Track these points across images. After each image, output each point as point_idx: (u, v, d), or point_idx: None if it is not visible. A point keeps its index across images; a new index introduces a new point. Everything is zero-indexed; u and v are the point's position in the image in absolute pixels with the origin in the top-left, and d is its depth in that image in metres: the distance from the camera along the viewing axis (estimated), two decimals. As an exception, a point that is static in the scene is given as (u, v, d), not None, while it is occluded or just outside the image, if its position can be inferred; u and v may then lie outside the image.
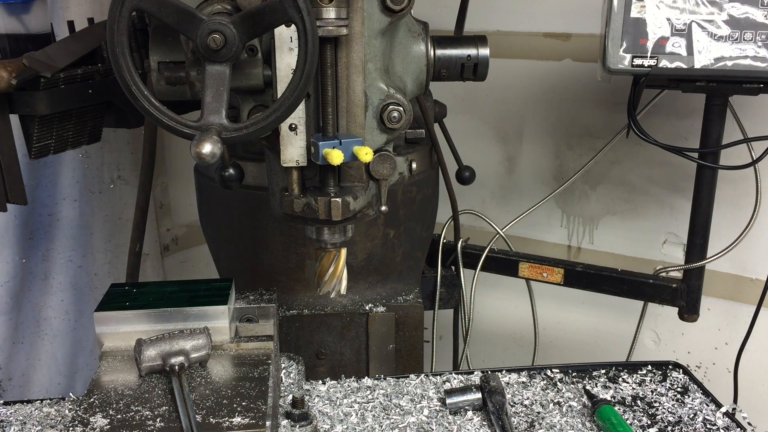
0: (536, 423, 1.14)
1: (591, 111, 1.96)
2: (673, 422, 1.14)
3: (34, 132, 1.27)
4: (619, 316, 1.94)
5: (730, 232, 1.60)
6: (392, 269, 1.50)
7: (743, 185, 1.64)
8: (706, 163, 1.46)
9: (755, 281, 1.81)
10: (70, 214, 1.95)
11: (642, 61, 1.29)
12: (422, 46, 1.05)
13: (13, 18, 1.30)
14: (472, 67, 1.11)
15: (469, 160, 1.71)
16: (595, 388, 1.24)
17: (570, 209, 2.07)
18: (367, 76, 0.96)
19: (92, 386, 1.00)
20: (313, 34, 0.80)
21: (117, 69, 0.81)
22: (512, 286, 1.84)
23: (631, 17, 1.28)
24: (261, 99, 0.99)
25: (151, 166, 1.38)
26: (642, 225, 1.97)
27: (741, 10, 1.26)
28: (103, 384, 1.01)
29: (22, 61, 1.20)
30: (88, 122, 1.38)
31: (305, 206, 0.98)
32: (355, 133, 0.97)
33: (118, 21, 0.78)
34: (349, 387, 1.24)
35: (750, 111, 1.61)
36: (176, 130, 0.83)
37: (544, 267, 1.66)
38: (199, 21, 0.80)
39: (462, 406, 1.17)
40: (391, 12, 0.95)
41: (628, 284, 1.59)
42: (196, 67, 0.97)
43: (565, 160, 2.03)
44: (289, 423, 1.09)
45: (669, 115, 1.80)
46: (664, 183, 1.90)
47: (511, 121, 2.09)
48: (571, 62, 1.94)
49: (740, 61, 1.27)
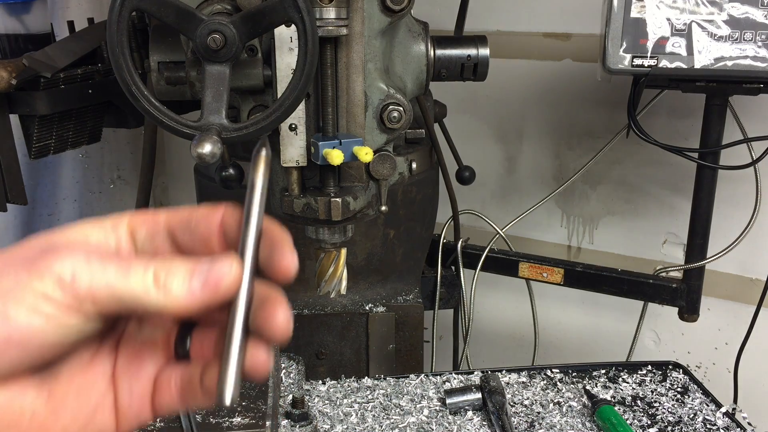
0: (536, 423, 1.14)
1: (591, 111, 1.95)
2: (673, 422, 1.14)
3: (34, 132, 1.27)
4: (619, 316, 1.94)
5: (730, 232, 1.60)
6: (392, 269, 1.50)
7: (743, 185, 1.64)
8: (706, 163, 1.46)
9: (755, 281, 1.81)
10: (70, 214, 1.95)
11: (642, 61, 1.29)
12: (422, 46, 1.05)
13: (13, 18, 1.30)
14: (472, 67, 1.11)
15: (469, 160, 1.71)
16: (595, 388, 1.24)
17: (570, 209, 2.07)
18: (367, 76, 0.96)
19: (92, 386, 1.00)
20: (313, 34, 0.80)
21: (117, 69, 0.81)
22: (512, 286, 1.84)
23: (631, 17, 1.28)
24: (261, 99, 0.99)
25: (151, 166, 1.38)
26: (642, 225, 1.97)
27: (741, 10, 1.26)
28: (103, 384, 1.01)
29: (22, 61, 1.20)
30: (88, 122, 1.38)
31: (305, 206, 0.98)
32: (355, 133, 0.97)
33: (118, 21, 0.78)
34: (349, 387, 1.24)
35: (750, 111, 1.61)
36: (176, 130, 0.83)
37: (544, 267, 1.66)
38: (199, 21, 0.80)
39: (462, 406, 1.17)
40: (391, 12, 0.95)
41: (628, 284, 1.59)
42: (196, 67, 0.97)
43: (565, 160, 2.03)
44: (289, 423, 1.09)
45: (669, 115, 1.80)
46: (665, 183, 1.90)
47: (511, 121, 2.09)
48: (571, 62, 1.94)
49: (740, 61, 1.27)
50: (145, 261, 0.45)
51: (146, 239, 0.50)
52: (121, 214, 0.51)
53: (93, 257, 0.44)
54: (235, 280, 0.45)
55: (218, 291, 0.45)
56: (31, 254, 0.44)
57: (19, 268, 0.43)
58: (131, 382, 0.50)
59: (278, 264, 0.48)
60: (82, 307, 0.43)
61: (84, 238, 0.48)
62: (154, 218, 0.50)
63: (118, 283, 0.44)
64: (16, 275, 0.43)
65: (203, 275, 0.45)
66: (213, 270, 0.45)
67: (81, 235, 0.48)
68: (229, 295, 0.45)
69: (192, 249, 0.50)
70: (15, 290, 0.42)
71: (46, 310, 0.42)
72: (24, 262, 0.44)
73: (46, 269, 0.43)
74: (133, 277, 0.44)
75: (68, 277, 0.43)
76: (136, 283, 0.44)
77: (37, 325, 0.42)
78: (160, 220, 0.50)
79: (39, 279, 0.43)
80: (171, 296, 0.44)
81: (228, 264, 0.45)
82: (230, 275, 0.45)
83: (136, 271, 0.44)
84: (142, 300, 0.44)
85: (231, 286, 0.45)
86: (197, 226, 0.49)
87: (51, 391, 0.47)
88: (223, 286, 0.45)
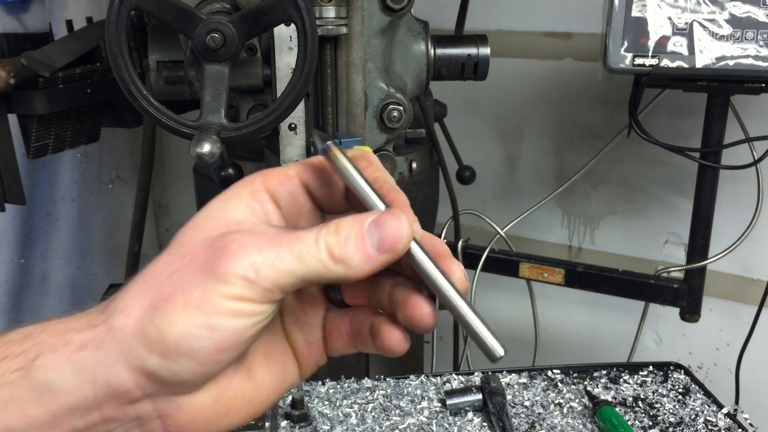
0: (537, 424, 1.13)
1: (592, 110, 1.95)
2: (675, 423, 1.14)
3: (32, 132, 1.27)
4: (620, 317, 1.94)
5: (731, 232, 1.59)
6: (392, 269, 1.49)
7: (745, 185, 1.64)
8: (707, 163, 1.45)
9: (757, 282, 1.80)
10: (69, 214, 1.94)
11: (643, 60, 1.29)
12: (422, 45, 1.05)
13: (12, 17, 1.30)
14: (473, 67, 1.10)
15: (470, 159, 1.70)
16: (596, 388, 1.24)
17: (571, 209, 2.06)
18: (366, 75, 0.96)
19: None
20: (313, 34, 0.79)
21: (116, 68, 0.80)
22: (513, 287, 1.83)
23: (632, 16, 1.28)
24: (260, 98, 0.99)
25: (149, 166, 1.38)
26: (643, 225, 1.96)
27: (742, 10, 1.26)
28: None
29: (20, 60, 1.20)
30: (86, 122, 1.37)
31: (305, 206, 0.97)
32: (355, 133, 0.97)
33: (117, 20, 0.78)
34: (348, 388, 1.23)
35: (752, 111, 1.61)
36: (175, 129, 0.82)
37: (545, 267, 1.65)
38: (198, 20, 0.79)
39: (462, 407, 1.16)
40: (391, 11, 0.95)
41: (629, 284, 1.58)
42: (195, 67, 0.96)
43: (566, 159, 2.03)
44: (289, 424, 1.09)
45: (670, 115, 1.80)
46: (666, 183, 1.89)
47: (512, 121, 2.08)
48: (572, 61, 1.93)
49: (742, 61, 1.27)
50: (313, 233, 0.45)
51: (288, 200, 0.50)
52: (252, 177, 0.51)
53: (264, 246, 0.45)
54: (408, 236, 0.46)
55: (396, 250, 0.45)
56: (202, 259, 0.45)
57: (201, 278, 0.44)
58: (304, 334, 0.53)
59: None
60: (273, 297, 0.45)
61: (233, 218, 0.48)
62: (287, 176, 0.50)
63: (298, 267, 0.44)
64: (203, 285, 0.44)
65: (375, 237, 0.45)
66: (384, 230, 0.45)
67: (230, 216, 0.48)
68: (404, 251, 0.46)
69: (329, 202, 0.51)
70: (209, 300, 0.43)
71: (245, 309, 0.44)
72: (201, 270, 0.44)
73: (230, 274, 0.43)
74: (309, 257, 0.44)
75: (252, 274, 0.43)
76: (314, 263, 0.44)
77: (241, 325, 0.44)
78: (293, 176, 0.50)
79: (227, 285, 0.43)
80: (351, 267, 0.45)
81: (396, 221, 0.45)
82: (403, 232, 0.45)
83: (309, 249, 0.45)
84: (324, 275, 0.45)
85: (407, 243, 0.46)
86: (331, 178, 0.50)
87: (249, 369, 0.50)
88: (400, 245, 0.45)
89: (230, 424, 0.49)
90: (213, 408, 0.47)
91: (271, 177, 0.50)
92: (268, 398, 0.52)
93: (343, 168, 0.48)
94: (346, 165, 0.48)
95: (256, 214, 0.49)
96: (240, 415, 0.50)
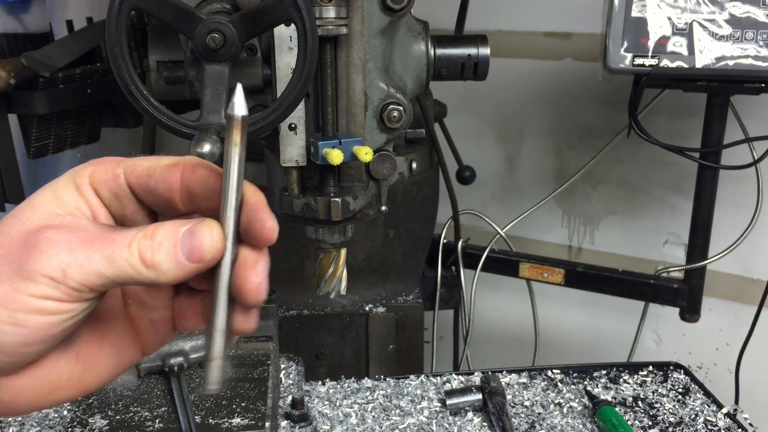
0: (537, 424, 1.13)
1: (592, 110, 1.95)
2: (674, 423, 1.14)
3: (32, 132, 1.27)
4: (620, 317, 1.94)
5: (731, 232, 1.60)
6: (392, 269, 1.50)
7: (745, 185, 1.64)
8: (707, 163, 1.45)
9: (757, 281, 1.81)
10: (69, 214, 1.94)
11: (643, 60, 1.29)
12: (422, 45, 1.05)
13: (12, 17, 1.30)
14: (473, 67, 1.10)
15: (470, 159, 1.70)
16: (596, 388, 1.24)
17: (571, 209, 2.06)
18: (366, 75, 0.96)
19: (91, 387, 1.00)
20: (313, 34, 0.79)
21: (116, 68, 0.80)
22: (513, 287, 1.83)
23: (632, 16, 1.28)
24: (260, 98, 0.99)
25: (150, 166, 1.38)
26: (643, 225, 1.96)
27: (742, 10, 1.26)
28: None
29: (20, 60, 1.20)
30: (86, 122, 1.37)
31: (305, 206, 0.97)
32: (355, 133, 0.97)
33: (117, 20, 0.78)
34: (348, 388, 1.23)
35: (751, 111, 1.61)
36: (175, 129, 0.82)
37: (545, 267, 1.65)
38: (198, 20, 0.79)
39: (462, 407, 1.16)
40: (391, 11, 0.95)
41: (629, 284, 1.59)
42: (195, 67, 0.96)
43: (566, 159, 2.03)
44: (289, 424, 1.09)
45: (670, 115, 1.80)
46: (666, 183, 1.89)
47: (512, 121, 2.08)
48: (571, 61, 1.93)
49: (741, 61, 1.27)
50: (128, 236, 0.46)
51: (111, 198, 0.51)
52: (81, 169, 0.52)
53: (75, 245, 0.45)
54: (218, 249, 0.47)
55: (203, 260, 0.47)
56: (14, 253, 0.46)
57: (10, 273, 0.45)
58: (149, 315, 0.53)
59: (259, 230, 0.49)
60: (82, 296, 0.46)
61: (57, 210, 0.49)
62: (114, 177, 0.51)
63: (108, 269, 0.45)
64: (10, 281, 0.45)
65: (187, 246, 0.46)
66: (194, 240, 0.46)
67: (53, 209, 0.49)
68: (214, 262, 0.47)
69: (155, 206, 0.51)
70: (14, 297, 0.44)
71: (49, 306, 0.45)
72: (12, 265, 0.45)
73: (35, 272, 0.44)
74: (119, 261, 0.45)
75: (59, 275, 0.44)
76: (125, 266, 0.46)
77: (46, 321, 0.45)
78: (120, 178, 0.51)
79: (33, 283, 0.44)
80: (161, 272, 0.46)
81: (208, 233, 0.47)
82: (212, 244, 0.47)
83: (120, 252, 0.46)
84: (136, 278, 0.46)
85: (216, 255, 0.47)
86: (156, 188, 0.50)
87: (77, 352, 0.51)
88: (206, 256, 0.46)
89: (57, 400, 0.51)
90: (36, 387, 0.49)
91: (97, 173, 0.51)
92: (99, 377, 0.53)
93: (232, 142, 0.49)
94: (236, 142, 0.49)
95: (81, 208, 0.50)
96: (67, 393, 0.51)
